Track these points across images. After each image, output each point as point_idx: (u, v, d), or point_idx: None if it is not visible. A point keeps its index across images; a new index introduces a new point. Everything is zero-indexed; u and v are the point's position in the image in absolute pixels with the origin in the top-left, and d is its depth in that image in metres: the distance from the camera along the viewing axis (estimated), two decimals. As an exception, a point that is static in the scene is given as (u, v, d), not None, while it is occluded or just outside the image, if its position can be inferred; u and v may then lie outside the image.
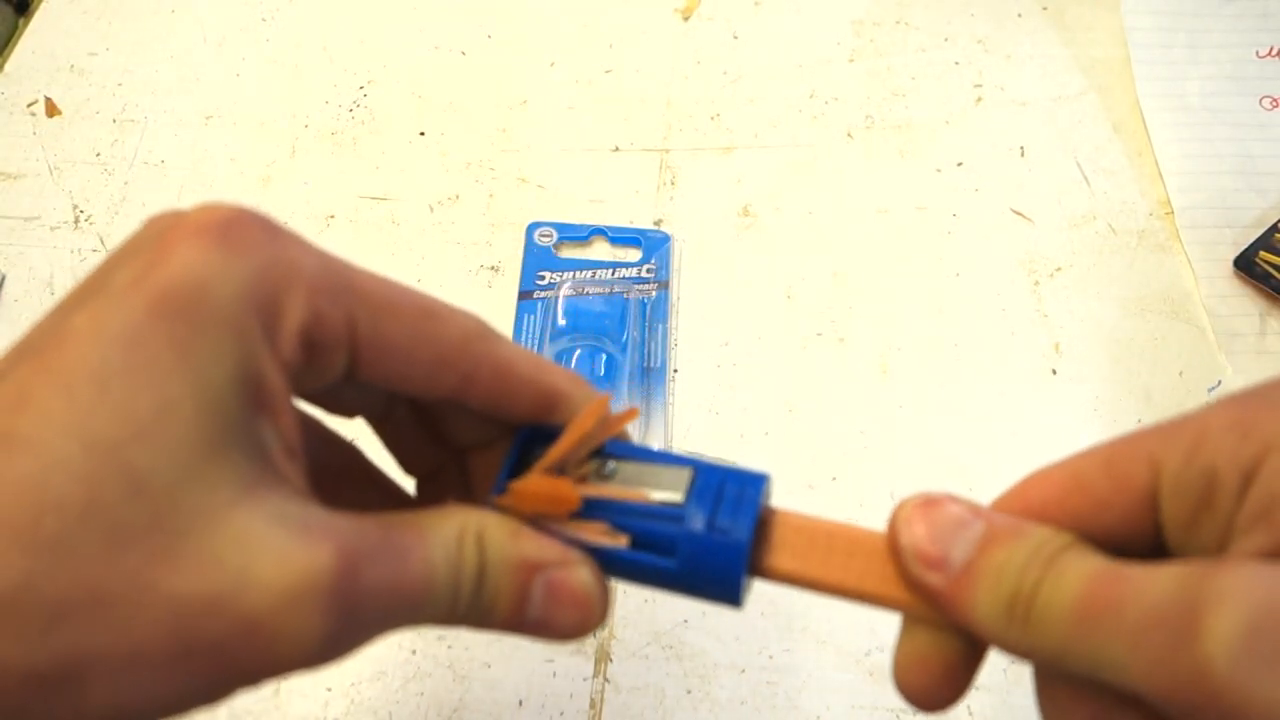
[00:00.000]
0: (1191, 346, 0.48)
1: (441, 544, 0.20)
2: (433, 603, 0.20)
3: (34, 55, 0.58)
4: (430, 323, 0.22)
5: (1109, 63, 0.58)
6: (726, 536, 0.23)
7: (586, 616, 0.22)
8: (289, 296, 0.19)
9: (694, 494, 0.23)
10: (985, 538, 0.20)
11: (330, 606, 0.18)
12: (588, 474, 0.24)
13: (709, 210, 0.52)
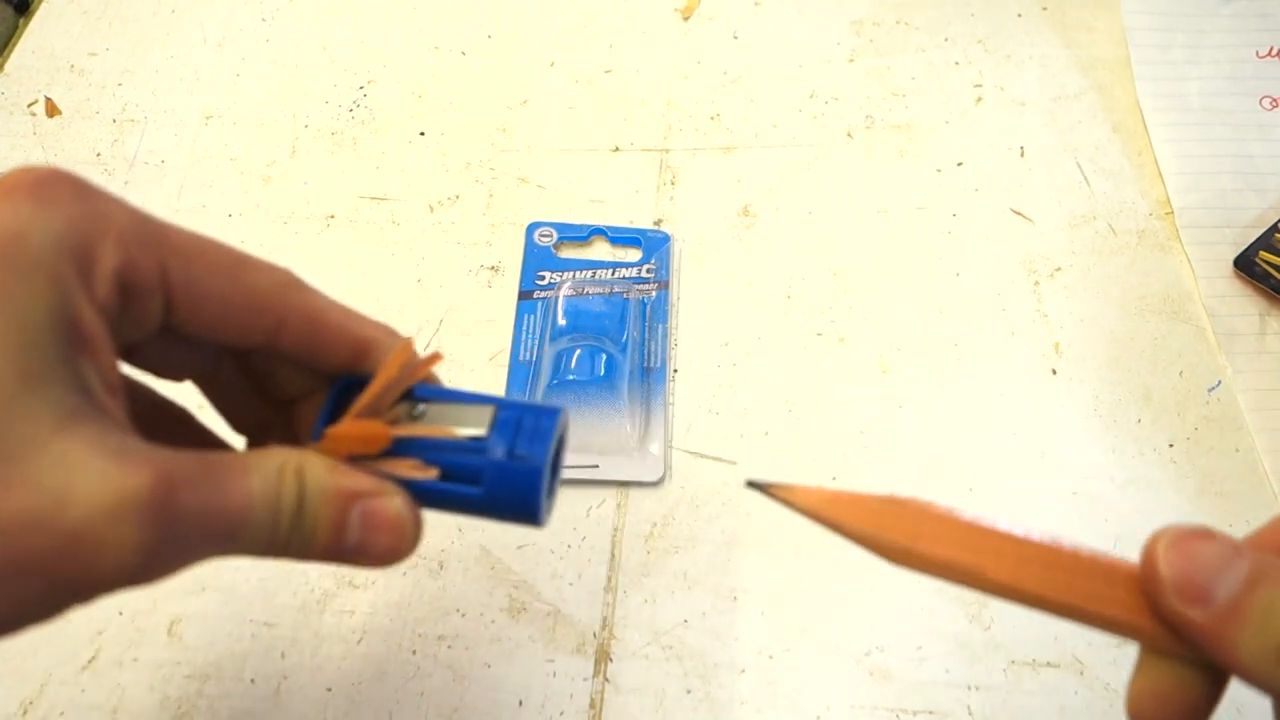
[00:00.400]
0: (1191, 346, 0.48)
1: (261, 476, 0.22)
2: (253, 529, 0.22)
3: (34, 55, 0.58)
4: (241, 270, 0.24)
5: (1109, 63, 0.58)
6: (524, 463, 0.25)
7: (399, 541, 0.24)
8: (101, 243, 0.21)
9: (496, 428, 0.26)
10: (1253, 575, 0.20)
11: (146, 520, 0.19)
12: (399, 416, 0.26)
13: (709, 210, 0.52)
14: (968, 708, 0.39)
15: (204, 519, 0.20)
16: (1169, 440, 0.45)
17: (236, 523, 0.21)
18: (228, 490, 0.21)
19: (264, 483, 0.22)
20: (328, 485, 0.23)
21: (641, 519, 0.43)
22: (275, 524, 0.22)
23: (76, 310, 0.20)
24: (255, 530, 0.22)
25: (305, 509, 0.22)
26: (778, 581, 0.42)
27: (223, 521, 0.21)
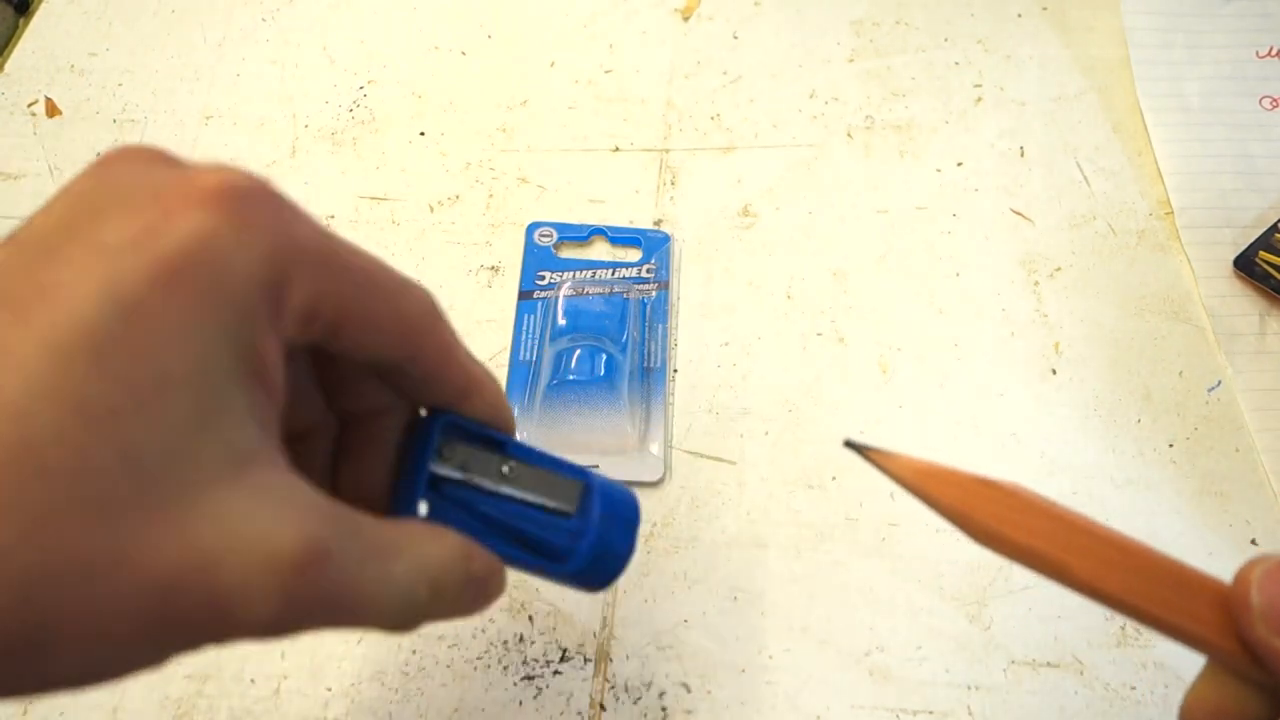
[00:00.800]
0: (1191, 346, 0.48)
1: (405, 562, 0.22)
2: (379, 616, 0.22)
3: (34, 55, 0.58)
4: (401, 298, 0.23)
5: (1109, 63, 0.58)
6: (614, 557, 0.27)
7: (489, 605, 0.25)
8: (296, 276, 0.19)
9: (586, 509, 0.27)
10: None
11: (287, 593, 0.19)
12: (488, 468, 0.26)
13: (709, 210, 0.52)
14: (968, 708, 0.39)
15: (341, 599, 0.20)
16: (1169, 440, 0.45)
17: (369, 606, 0.21)
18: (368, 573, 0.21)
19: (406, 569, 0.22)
20: (459, 577, 0.23)
21: (641, 519, 0.43)
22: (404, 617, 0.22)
23: (263, 347, 0.19)
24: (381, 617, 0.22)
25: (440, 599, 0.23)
26: (778, 581, 0.42)
27: (356, 608, 0.21)
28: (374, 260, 0.22)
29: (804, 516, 0.43)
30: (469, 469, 0.26)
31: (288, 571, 0.18)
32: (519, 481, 0.26)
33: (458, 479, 0.26)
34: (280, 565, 0.18)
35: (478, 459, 0.26)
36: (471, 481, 0.26)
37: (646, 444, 0.44)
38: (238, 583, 0.18)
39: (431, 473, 0.25)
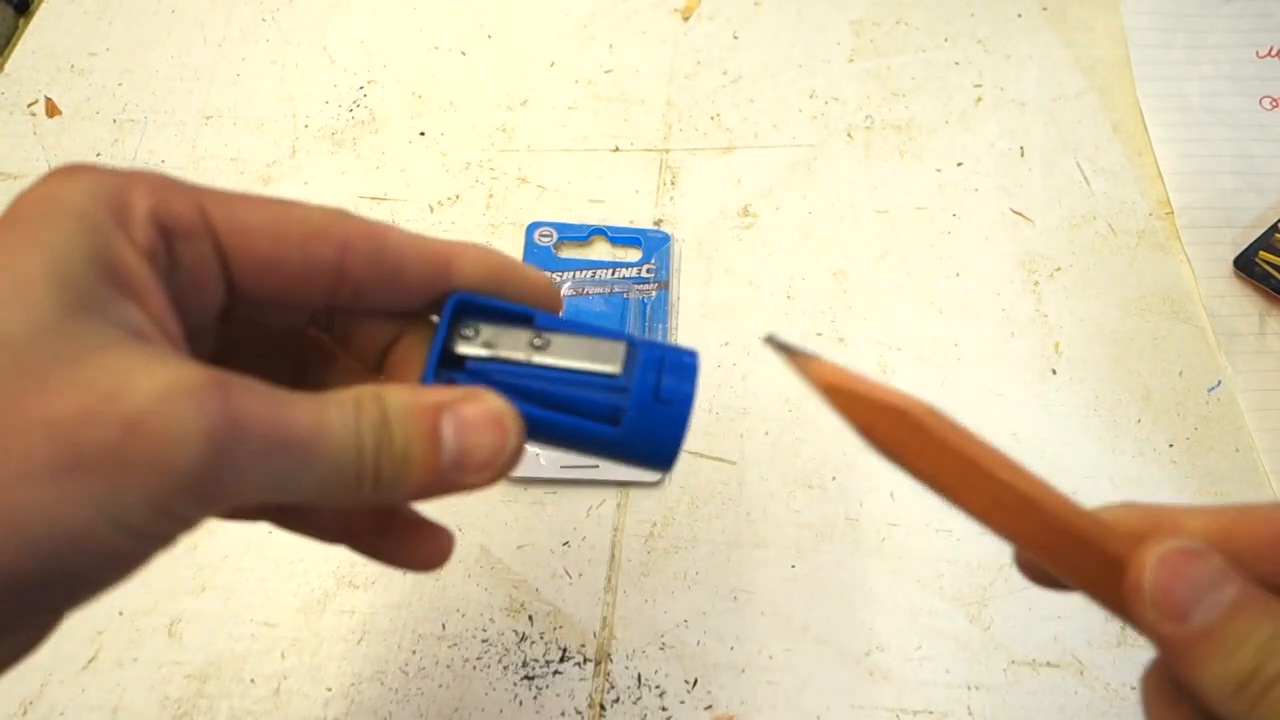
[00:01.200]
0: (1191, 346, 0.48)
1: (336, 404, 0.21)
2: (333, 456, 0.20)
3: (34, 55, 0.58)
4: (288, 206, 0.23)
5: (1109, 63, 0.58)
6: (672, 406, 0.23)
7: (502, 437, 0.22)
8: (133, 191, 0.21)
9: (634, 365, 0.24)
10: (1235, 604, 0.19)
11: (206, 405, 0.18)
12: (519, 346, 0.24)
13: (709, 210, 0.52)
14: (968, 708, 0.39)
15: (268, 423, 0.19)
16: (1169, 440, 0.45)
17: (308, 438, 0.20)
18: (296, 409, 0.20)
19: (339, 409, 0.20)
20: (410, 401, 0.21)
21: (641, 519, 0.43)
22: (359, 450, 0.20)
23: (116, 253, 0.20)
24: (336, 455, 0.20)
25: (391, 428, 0.21)
26: (778, 581, 0.42)
27: (292, 434, 0.19)
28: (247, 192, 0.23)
29: (804, 516, 0.43)
30: (495, 345, 0.24)
31: (196, 392, 0.18)
32: (554, 351, 0.24)
33: (484, 356, 0.24)
34: (189, 387, 0.18)
35: (505, 335, 0.24)
36: (500, 357, 0.24)
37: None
38: (143, 407, 0.18)
39: (455, 354, 0.24)
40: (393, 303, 0.24)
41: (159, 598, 0.41)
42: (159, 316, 0.20)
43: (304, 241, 0.22)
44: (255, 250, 0.22)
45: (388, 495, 0.21)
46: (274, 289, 0.23)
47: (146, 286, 0.20)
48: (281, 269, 0.22)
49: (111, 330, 0.19)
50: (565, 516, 0.43)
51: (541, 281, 0.26)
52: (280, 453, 0.19)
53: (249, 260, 0.22)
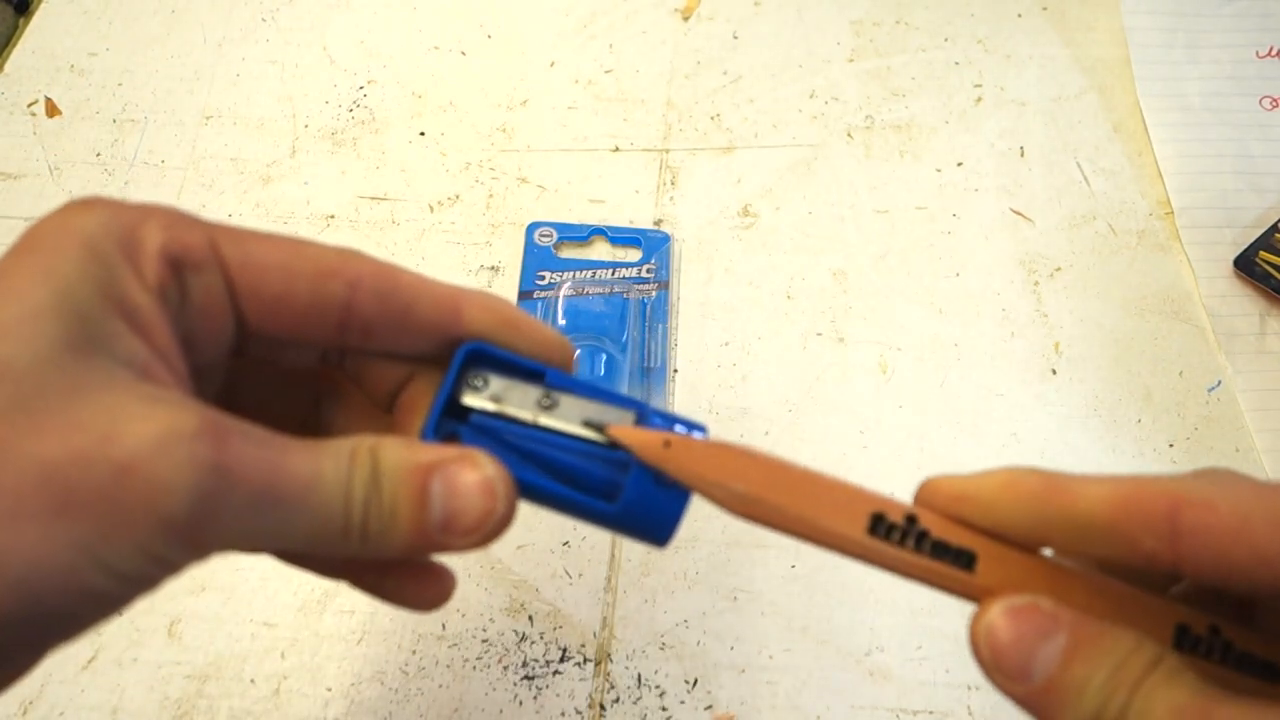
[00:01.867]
0: (1191, 346, 0.48)
1: (331, 454, 0.21)
2: (322, 506, 0.20)
3: (34, 55, 0.58)
4: (299, 244, 0.23)
5: (1109, 63, 0.58)
6: (673, 491, 0.23)
7: (491, 502, 0.22)
8: (144, 226, 0.21)
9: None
10: (1068, 650, 0.19)
11: (198, 454, 0.18)
12: (527, 402, 0.24)
13: (709, 210, 0.52)
14: (968, 708, 0.39)
15: (260, 474, 0.19)
16: (1169, 440, 0.45)
17: (299, 491, 0.20)
18: (290, 459, 0.20)
19: (335, 460, 0.20)
20: (405, 458, 0.21)
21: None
22: (348, 504, 0.20)
23: (124, 287, 0.20)
24: (324, 508, 0.20)
25: (381, 485, 0.21)
26: (778, 581, 0.42)
27: (283, 485, 0.19)
28: (258, 229, 0.23)
29: (804, 516, 0.43)
30: (502, 399, 0.24)
31: (189, 440, 0.18)
32: (561, 412, 0.23)
33: (490, 411, 0.24)
34: (183, 434, 0.18)
35: (514, 390, 0.24)
36: (505, 413, 0.24)
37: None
38: (136, 452, 0.18)
39: (462, 405, 0.24)
40: (401, 344, 0.24)
41: (159, 598, 0.41)
42: (165, 352, 0.20)
43: (315, 279, 0.22)
44: (266, 286, 0.22)
45: (374, 550, 0.21)
46: (284, 326, 0.23)
47: (153, 321, 0.20)
48: (292, 305, 0.22)
49: (114, 366, 0.19)
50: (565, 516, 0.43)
51: (553, 337, 0.25)
52: (270, 504, 0.19)
53: (260, 296, 0.22)
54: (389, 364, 0.25)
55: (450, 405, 0.24)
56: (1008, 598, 0.21)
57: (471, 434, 0.24)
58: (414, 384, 0.25)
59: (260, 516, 0.19)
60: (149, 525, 0.18)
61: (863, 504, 0.22)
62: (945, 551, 0.21)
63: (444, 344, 0.24)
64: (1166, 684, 0.18)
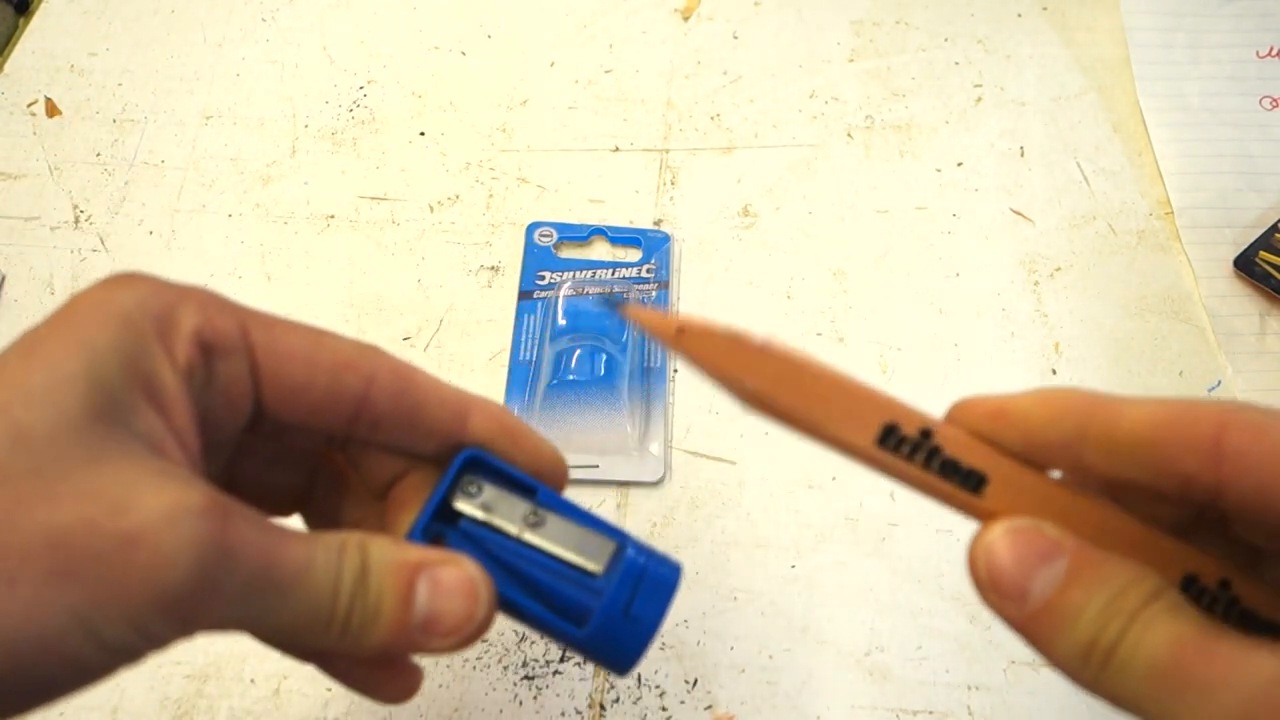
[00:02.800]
0: (1191, 346, 0.48)
1: (323, 545, 0.21)
2: (310, 595, 0.21)
3: (34, 55, 0.58)
4: (324, 335, 0.24)
5: (1109, 63, 0.58)
6: (638, 625, 0.24)
7: (473, 605, 0.22)
8: (181, 306, 0.22)
9: (615, 571, 0.24)
10: (1069, 575, 0.19)
11: (202, 530, 0.19)
12: (514, 516, 0.25)
13: (709, 210, 0.52)
14: (968, 708, 0.39)
15: (258, 557, 0.20)
16: (1169, 440, 0.45)
17: (291, 577, 0.20)
18: (286, 546, 0.20)
19: (326, 551, 0.21)
20: (393, 556, 0.22)
21: (641, 519, 0.43)
22: (335, 595, 0.21)
23: (153, 364, 0.20)
24: (313, 597, 0.21)
25: (369, 580, 0.22)
26: (778, 581, 0.42)
27: (277, 570, 0.20)
28: (289, 319, 0.24)
29: (804, 516, 0.43)
30: (492, 509, 0.25)
31: (196, 516, 0.19)
32: (546, 531, 0.25)
33: (478, 518, 0.25)
34: (190, 510, 0.19)
35: (504, 502, 0.25)
36: (493, 523, 0.25)
37: (646, 444, 0.44)
38: (144, 524, 0.18)
39: (453, 509, 0.25)
40: (406, 442, 0.25)
41: (159, 598, 0.41)
42: (181, 430, 0.21)
43: (334, 371, 0.23)
44: (288, 374, 0.23)
45: (353, 643, 0.22)
46: (300, 413, 0.23)
47: (175, 400, 0.21)
48: (310, 395, 0.23)
49: (131, 440, 0.19)
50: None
51: (551, 453, 0.26)
52: (264, 587, 0.20)
53: (281, 383, 0.23)
54: (389, 456, 0.26)
55: (442, 507, 0.25)
56: (1011, 519, 0.20)
57: (458, 538, 0.24)
58: (410, 477, 0.26)
59: (253, 599, 0.20)
60: (145, 597, 0.18)
61: (877, 412, 0.22)
62: (955, 471, 0.21)
63: (446, 445, 0.25)
64: (1167, 615, 0.18)
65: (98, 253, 0.50)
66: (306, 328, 0.23)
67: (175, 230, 0.51)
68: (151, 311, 0.21)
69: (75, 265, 0.50)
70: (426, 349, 0.47)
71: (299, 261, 0.50)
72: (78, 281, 0.49)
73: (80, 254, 0.50)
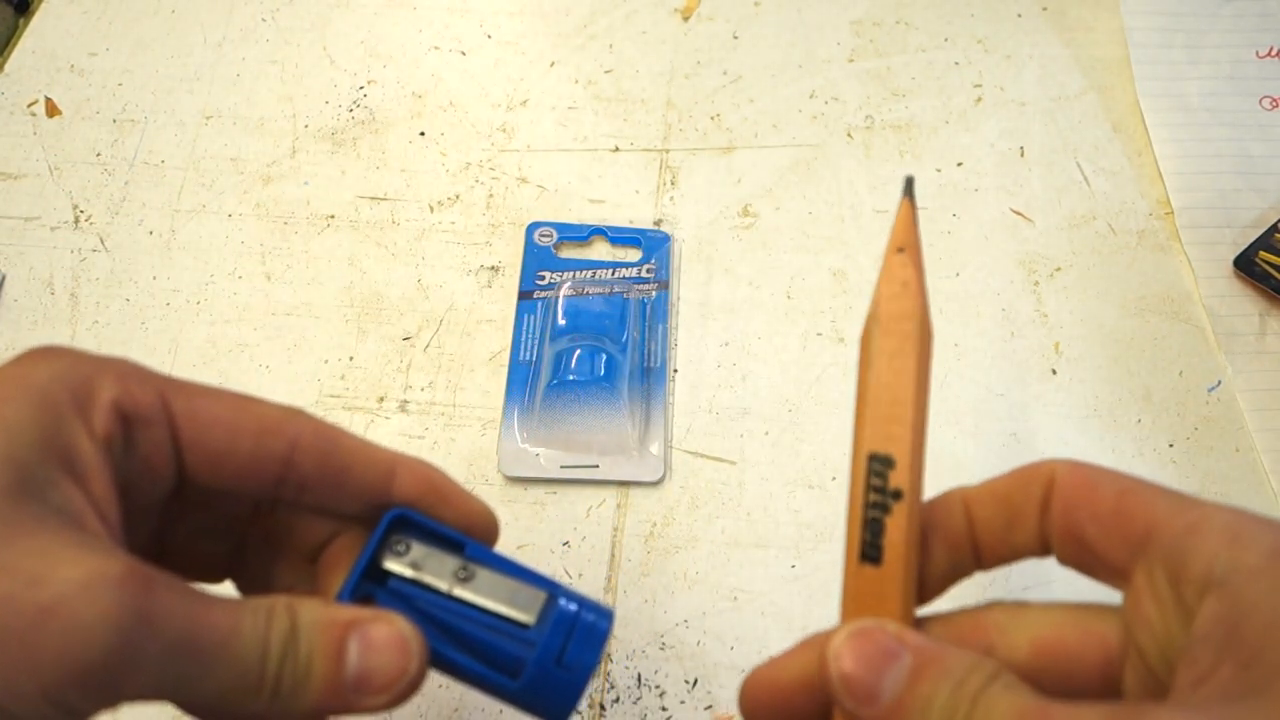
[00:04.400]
0: (1191, 346, 0.48)
1: (250, 610, 0.21)
2: (238, 661, 0.20)
3: (34, 55, 0.58)
4: (247, 400, 0.24)
5: (1109, 63, 0.58)
6: (571, 674, 0.24)
7: (405, 660, 0.22)
8: (99, 378, 0.22)
9: (547, 620, 0.24)
10: (913, 671, 0.20)
11: (122, 599, 0.18)
12: (444, 571, 0.25)
13: (709, 210, 0.52)
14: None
15: (181, 624, 0.19)
16: (1169, 440, 0.45)
17: (217, 643, 0.20)
18: (210, 612, 0.20)
19: (253, 616, 0.21)
20: (322, 615, 0.22)
21: (641, 519, 0.43)
22: (264, 658, 0.21)
23: (69, 437, 0.21)
24: (241, 662, 0.20)
25: (298, 642, 0.21)
26: (778, 581, 0.42)
27: (202, 637, 0.20)
28: (213, 386, 0.24)
29: (804, 516, 0.43)
30: (421, 567, 0.25)
31: (114, 586, 0.18)
32: (476, 586, 0.25)
33: (408, 576, 0.25)
34: (108, 579, 0.18)
35: (433, 559, 0.25)
36: (422, 581, 0.25)
37: (646, 444, 0.44)
38: (61, 596, 0.18)
39: (382, 569, 0.25)
40: (333, 503, 0.25)
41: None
42: (101, 501, 0.21)
43: (257, 436, 0.23)
44: (210, 441, 0.23)
45: (284, 707, 0.21)
46: (224, 479, 0.24)
47: (94, 471, 0.21)
48: (233, 460, 0.23)
49: (48, 514, 0.19)
50: (565, 516, 0.43)
51: (479, 509, 0.26)
52: (189, 653, 0.20)
53: (203, 450, 0.23)
54: (319, 519, 0.26)
55: (371, 568, 0.25)
56: (853, 621, 0.21)
57: (387, 598, 0.24)
58: (341, 539, 0.26)
59: (176, 666, 0.20)
60: (60, 670, 0.18)
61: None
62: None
63: (374, 506, 0.25)
64: (1007, 692, 0.19)
65: (98, 253, 0.50)
66: (229, 394, 0.24)
67: (175, 230, 0.51)
68: (69, 384, 0.21)
69: (75, 265, 0.50)
70: (426, 349, 0.47)
71: (299, 261, 0.50)
72: (78, 281, 0.49)
73: (80, 254, 0.50)
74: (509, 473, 0.44)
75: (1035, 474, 0.23)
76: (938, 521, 0.23)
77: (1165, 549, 0.20)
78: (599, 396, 0.44)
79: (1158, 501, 0.21)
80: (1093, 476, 0.22)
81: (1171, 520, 0.20)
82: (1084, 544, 0.22)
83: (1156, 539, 0.20)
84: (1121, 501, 0.21)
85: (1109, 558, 0.21)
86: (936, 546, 0.23)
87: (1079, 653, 0.22)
